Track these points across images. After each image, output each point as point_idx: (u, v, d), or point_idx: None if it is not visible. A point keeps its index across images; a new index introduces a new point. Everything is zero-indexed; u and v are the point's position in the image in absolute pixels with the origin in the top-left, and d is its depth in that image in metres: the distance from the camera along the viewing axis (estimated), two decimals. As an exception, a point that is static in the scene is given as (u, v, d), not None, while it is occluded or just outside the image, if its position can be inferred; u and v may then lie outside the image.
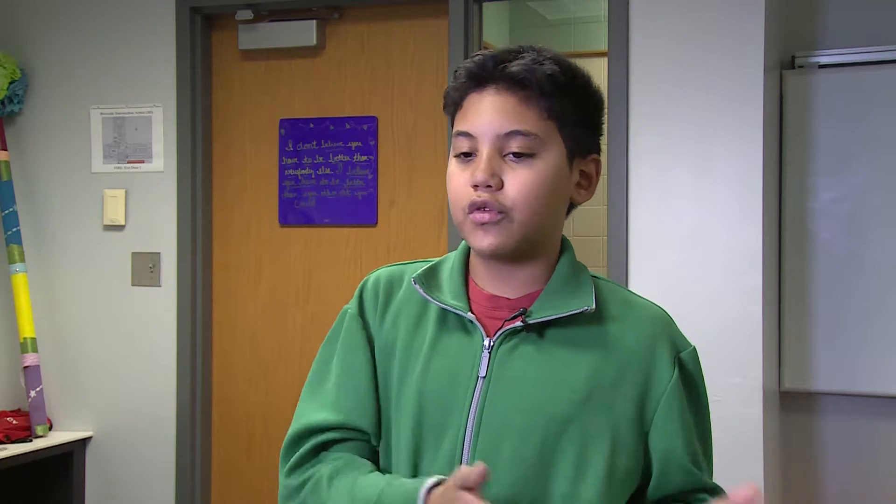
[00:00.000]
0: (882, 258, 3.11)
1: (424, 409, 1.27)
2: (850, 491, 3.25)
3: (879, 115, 3.12)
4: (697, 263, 2.93)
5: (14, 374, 3.58)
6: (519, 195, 1.23)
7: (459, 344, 1.29)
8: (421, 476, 1.24)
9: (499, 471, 1.22)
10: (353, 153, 3.38)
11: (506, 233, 1.24)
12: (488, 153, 1.24)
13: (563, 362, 1.26)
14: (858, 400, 3.22)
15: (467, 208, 1.24)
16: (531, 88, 1.24)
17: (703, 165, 2.92)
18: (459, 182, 1.26)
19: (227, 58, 3.53)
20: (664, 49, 2.96)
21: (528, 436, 1.23)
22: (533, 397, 1.24)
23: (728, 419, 2.86)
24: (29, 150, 3.62)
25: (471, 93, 1.27)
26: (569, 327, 1.27)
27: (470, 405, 1.25)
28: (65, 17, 3.59)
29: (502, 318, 1.28)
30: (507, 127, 1.23)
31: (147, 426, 3.49)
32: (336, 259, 3.40)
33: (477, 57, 1.28)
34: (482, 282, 1.32)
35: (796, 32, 3.28)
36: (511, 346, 1.27)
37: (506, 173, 1.24)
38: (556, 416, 1.23)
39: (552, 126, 1.25)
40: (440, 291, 1.32)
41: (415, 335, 1.32)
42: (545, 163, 1.25)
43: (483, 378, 1.26)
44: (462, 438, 1.25)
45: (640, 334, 1.29)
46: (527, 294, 1.30)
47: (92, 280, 3.55)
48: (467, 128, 1.26)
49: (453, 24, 3.19)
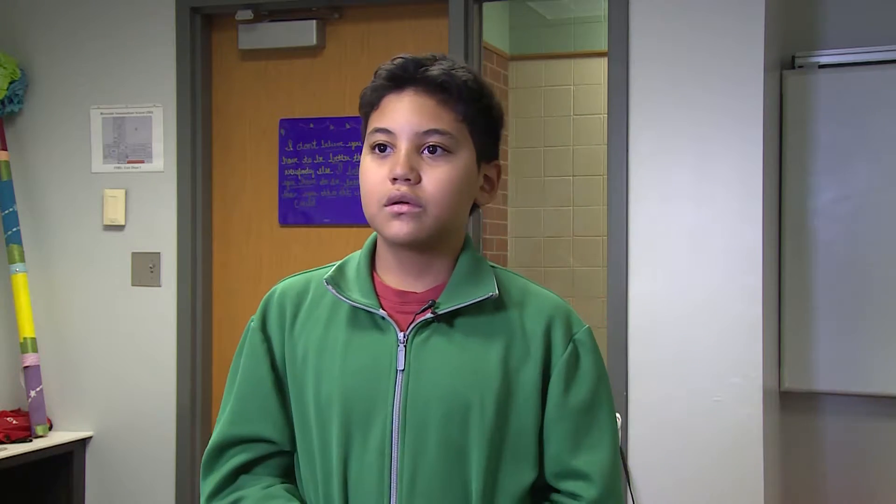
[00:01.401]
0: (882, 258, 3.12)
1: (349, 406, 1.32)
2: (850, 491, 3.25)
3: (879, 115, 3.12)
4: (697, 263, 2.93)
5: (14, 374, 3.58)
6: (436, 190, 1.30)
7: (373, 340, 1.34)
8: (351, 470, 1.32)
9: (427, 456, 1.30)
10: (353, 153, 3.38)
11: (421, 224, 1.30)
12: (407, 149, 1.30)
13: (475, 349, 1.33)
14: (858, 400, 3.22)
15: (384, 201, 1.30)
16: (449, 92, 1.31)
17: (703, 165, 2.92)
18: (377, 176, 1.32)
19: (227, 58, 3.53)
20: (664, 49, 2.96)
21: (450, 422, 1.30)
22: (451, 386, 1.31)
23: (728, 419, 2.87)
24: (29, 150, 3.62)
25: (389, 93, 1.33)
26: (475, 316, 1.35)
27: (393, 398, 1.31)
28: (65, 17, 3.59)
29: (412, 312, 1.34)
30: (425, 125, 1.30)
31: (147, 426, 3.49)
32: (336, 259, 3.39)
33: (397, 60, 1.34)
34: (389, 277, 1.38)
35: (796, 32, 3.28)
36: (424, 337, 1.33)
37: (423, 169, 1.30)
38: (474, 402, 1.31)
39: (465, 129, 1.33)
40: (350, 290, 1.37)
41: (326, 337, 1.37)
42: (459, 161, 1.32)
43: (402, 371, 1.32)
44: (390, 430, 1.31)
45: (539, 318, 1.36)
46: (433, 287, 1.36)
47: (92, 280, 3.55)
48: (386, 124, 1.32)
49: (453, 24, 3.20)
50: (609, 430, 1.38)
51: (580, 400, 1.35)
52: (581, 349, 1.37)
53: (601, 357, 1.40)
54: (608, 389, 1.40)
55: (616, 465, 1.38)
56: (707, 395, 2.89)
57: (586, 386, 1.36)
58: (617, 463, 1.38)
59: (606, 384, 1.40)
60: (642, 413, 2.95)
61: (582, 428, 1.35)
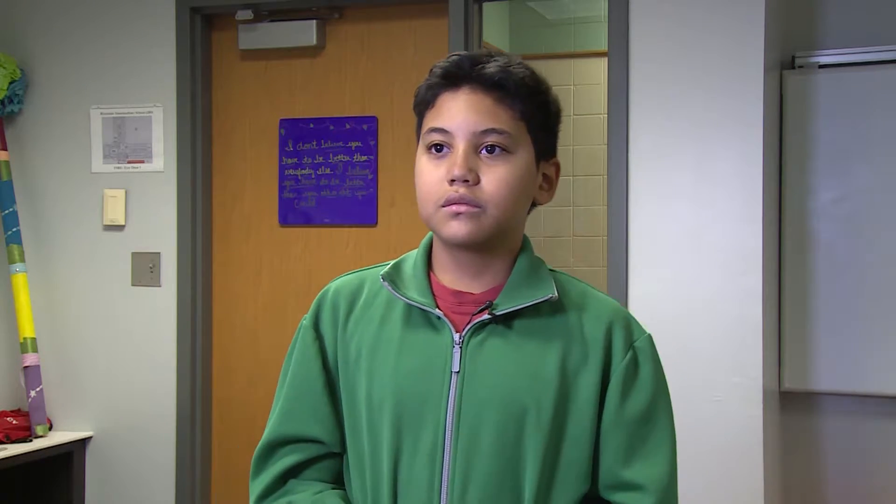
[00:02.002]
0: (882, 258, 3.11)
1: (401, 406, 1.29)
2: (850, 491, 3.25)
3: (879, 115, 3.12)
4: (697, 264, 2.93)
5: (14, 374, 3.58)
6: (495, 191, 1.27)
7: (428, 340, 1.31)
8: (401, 473, 1.29)
9: (480, 462, 1.26)
10: (353, 153, 3.38)
11: (480, 224, 1.27)
12: (465, 149, 1.26)
13: (532, 353, 1.29)
14: (858, 400, 3.22)
15: (442, 202, 1.27)
16: (506, 90, 1.28)
17: (703, 165, 2.92)
18: (434, 177, 1.28)
19: (227, 58, 3.53)
20: (664, 49, 2.96)
21: (506, 427, 1.27)
22: (507, 389, 1.28)
23: (728, 419, 2.87)
24: (29, 150, 3.62)
25: (445, 91, 1.30)
26: (533, 318, 1.31)
27: (447, 400, 1.28)
28: (65, 17, 3.59)
29: (468, 313, 1.31)
30: (483, 125, 1.27)
31: (147, 426, 3.49)
32: (336, 259, 3.40)
33: (453, 57, 1.31)
34: (446, 277, 1.35)
35: (796, 32, 3.28)
36: (480, 339, 1.30)
37: (481, 169, 1.27)
38: (531, 407, 1.27)
39: (523, 127, 1.29)
40: (406, 288, 1.34)
41: (380, 336, 1.34)
42: (518, 160, 1.29)
43: (457, 373, 1.29)
44: (442, 433, 1.28)
45: (599, 323, 1.33)
46: (490, 288, 1.33)
47: (92, 280, 3.55)
48: (442, 124, 1.28)
49: (453, 24, 3.19)
50: (668, 441, 1.33)
51: (638, 409, 1.31)
52: (641, 356, 1.33)
53: (661, 366, 1.36)
54: (668, 400, 1.36)
55: (673, 479, 1.33)
56: (707, 395, 2.89)
57: (645, 395, 1.32)
58: (674, 477, 1.33)
59: (666, 394, 1.35)
60: (642, 413, 2.94)
61: (638, 438, 1.31)
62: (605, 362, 1.31)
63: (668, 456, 1.32)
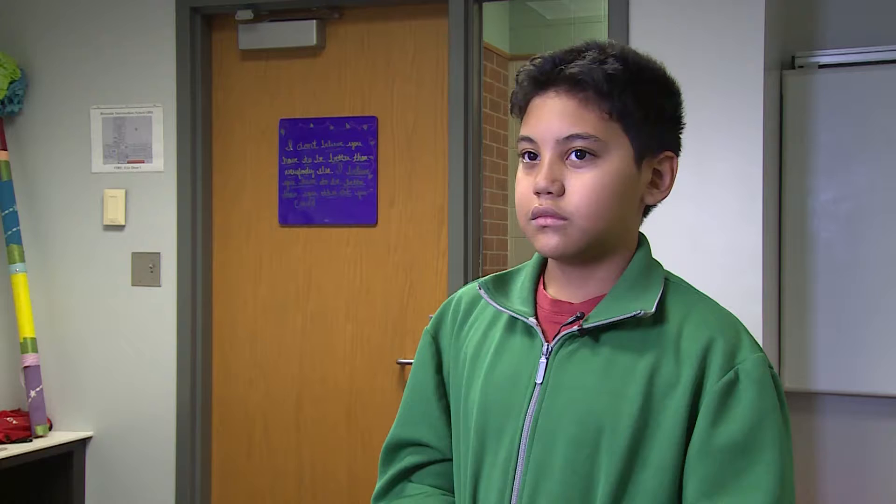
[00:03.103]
0: (882, 258, 3.11)
1: (486, 415, 1.27)
2: (849, 491, 3.25)
3: (879, 115, 3.12)
4: (697, 263, 2.93)
5: (14, 374, 3.58)
6: (581, 201, 1.20)
7: (521, 350, 1.27)
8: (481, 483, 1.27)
9: (550, 478, 1.21)
10: (353, 153, 3.38)
11: (568, 237, 1.21)
12: (549, 159, 1.21)
13: (620, 369, 1.21)
14: (858, 400, 3.22)
15: (530, 214, 1.23)
16: (590, 89, 1.20)
17: (703, 165, 2.92)
18: (524, 188, 1.24)
19: (227, 58, 3.53)
20: (664, 49, 2.94)
21: (580, 444, 1.20)
22: (587, 406, 1.20)
23: (728, 419, 2.86)
24: (29, 150, 3.62)
25: (533, 96, 1.25)
26: (630, 330, 1.22)
27: (526, 411, 1.24)
28: (65, 17, 3.59)
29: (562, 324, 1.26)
30: (566, 131, 1.20)
31: (147, 426, 3.49)
32: (336, 259, 3.40)
33: (538, 59, 1.25)
34: (552, 287, 1.31)
35: (796, 32, 3.28)
36: (569, 351, 1.24)
37: (567, 178, 1.21)
38: (607, 426, 1.19)
39: (616, 127, 1.21)
40: (507, 297, 1.31)
41: (483, 343, 1.32)
42: (608, 165, 1.21)
43: (540, 384, 1.24)
44: (518, 444, 1.24)
45: (699, 337, 1.21)
46: (591, 298, 1.27)
47: (92, 280, 3.55)
48: (529, 132, 1.24)
49: (453, 24, 3.20)
50: (770, 477, 1.15)
51: (731, 438, 1.16)
52: (744, 379, 1.18)
53: (773, 393, 1.21)
54: (777, 431, 1.19)
55: None
56: (707, 395, 2.89)
57: (742, 422, 1.16)
58: None
59: (775, 424, 1.19)
60: (642, 413, 2.94)
61: (729, 471, 1.15)
62: (697, 383, 1.18)
63: (768, 495, 1.14)
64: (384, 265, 3.33)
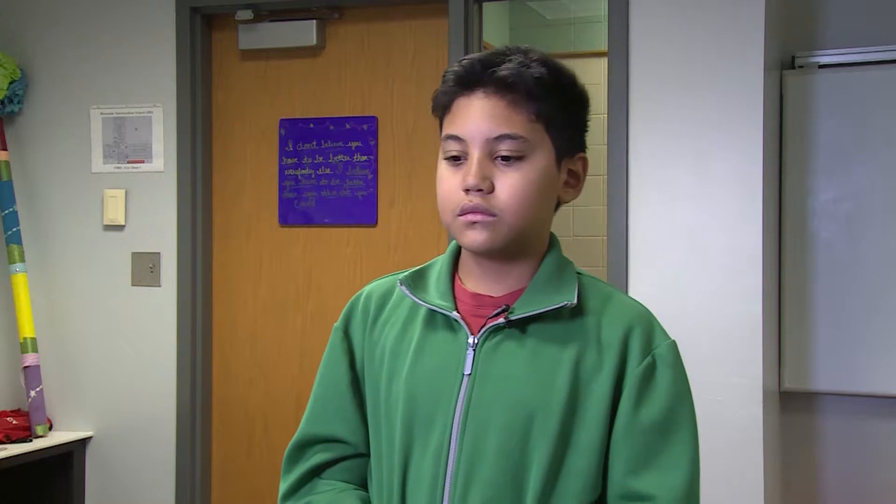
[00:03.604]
0: (882, 258, 3.11)
1: (414, 407, 1.30)
2: (850, 491, 3.25)
3: (879, 115, 3.12)
4: (697, 263, 2.93)
5: (14, 374, 3.58)
6: (510, 199, 1.25)
7: (445, 343, 1.31)
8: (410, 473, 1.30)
9: (484, 464, 1.26)
10: (353, 153, 3.38)
11: (496, 232, 1.26)
12: (479, 157, 1.25)
13: (546, 358, 1.28)
14: (858, 400, 3.22)
15: (458, 211, 1.27)
16: (519, 92, 1.25)
17: (703, 165, 2.92)
18: (451, 185, 1.28)
19: (227, 58, 3.53)
20: (664, 49, 2.96)
21: (512, 431, 1.26)
22: (517, 393, 1.26)
23: (728, 419, 2.86)
24: (29, 150, 3.62)
25: (459, 96, 1.29)
26: (551, 322, 1.29)
27: (456, 402, 1.28)
28: (65, 17, 3.59)
29: (486, 316, 1.30)
30: (496, 131, 1.25)
31: (147, 426, 3.49)
32: (336, 259, 3.40)
33: (465, 61, 1.29)
34: (470, 281, 1.35)
35: (796, 32, 3.28)
36: (495, 343, 1.29)
37: (496, 177, 1.26)
38: (538, 412, 1.25)
39: (540, 128, 1.27)
40: (426, 293, 1.35)
41: (402, 338, 1.35)
42: (534, 165, 1.26)
43: (468, 375, 1.29)
44: (449, 434, 1.28)
45: (617, 327, 1.29)
46: (511, 292, 1.32)
47: (92, 280, 3.55)
48: (457, 131, 1.27)
49: (453, 24, 3.19)
50: (686, 454, 1.29)
51: (652, 419, 1.27)
52: (659, 363, 1.28)
53: (685, 375, 1.32)
54: (690, 411, 1.31)
55: (692, 492, 1.28)
56: (707, 395, 2.89)
57: (661, 403, 1.27)
58: (694, 491, 1.28)
59: (688, 405, 1.31)
60: (642, 413, 2.94)
61: (651, 449, 1.27)
62: (619, 369, 1.27)
63: (685, 468, 1.28)
64: (384, 265, 3.33)
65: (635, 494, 1.26)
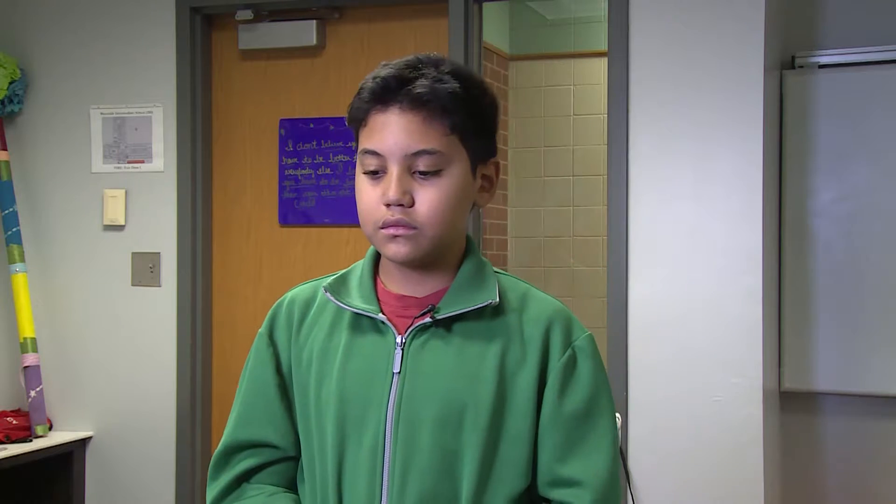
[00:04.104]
0: (882, 258, 3.12)
1: (345, 408, 1.33)
2: (850, 491, 3.25)
3: (879, 115, 3.12)
4: (697, 263, 2.93)
5: (14, 374, 3.58)
6: (429, 212, 1.29)
7: (373, 344, 1.35)
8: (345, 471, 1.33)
9: (419, 457, 1.30)
10: (353, 153, 3.36)
11: (417, 244, 1.30)
12: (398, 174, 1.29)
13: (472, 354, 1.32)
14: (858, 400, 3.22)
15: (380, 223, 1.31)
16: (434, 107, 1.28)
17: (703, 165, 2.92)
18: (371, 198, 1.32)
19: (227, 58, 3.53)
20: (664, 49, 2.96)
21: (445, 424, 1.30)
22: (446, 388, 1.31)
23: (728, 419, 2.87)
24: (29, 150, 3.62)
25: (374, 111, 1.31)
26: (475, 321, 1.34)
27: (388, 400, 1.32)
28: (65, 17, 3.59)
29: (412, 317, 1.35)
30: (413, 147, 1.28)
31: (147, 426, 3.49)
32: (336, 259, 3.40)
33: (378, 78, 1.31)
34: (392, 283, 1.40)
35: (796, 32, 3.28)
36: (422, 341, 1.33)
37: (415, 190, 1.30)
38: (469, 406, 1.30)
39: (455, 140, 1.31)
40: (350, 297, 1.39)
41: (329, 342, 1.38)
42: (451, 177, 1.31)
43: (398, 374, 1.32)
44: (383, 431, 1.31)
45: (538, 323, 1.35)
46: (434, 292, 1.36)
47: (92, 280, 3.55)
48: (375, 146, 1.31)
49: (453, 24, 3.20)
50: (607, 439, 1.34)
51: (575, 407, 1.33)
52: (580, 355, 1.34)
53: (602, 365, 1.38)
54: (609, 399, 1.37)
55: (614, 475, 1.34)
56: (707, 395, 2.89)
57: (582, 393, 1.33)
58: (615, 473, 1.34)
59: (607, 393, 1.37)
60: (642, 413, 2.95)
61: (576, 436, 1.32)
62: (542, 362, 1.33)
63: (607, 453, 1.33)
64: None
65: (563, 480, 1.32)
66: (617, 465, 1.35)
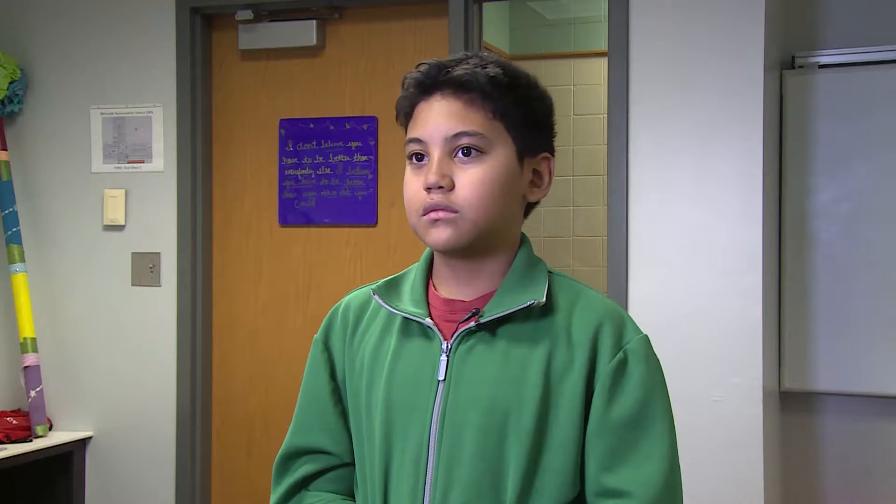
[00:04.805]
0: (882, 258, 3.12)
1: (391, 415, 1.32)
2: (850, 490, 3.25)
3: (879, 115, 3.12)
4: (697, 263, 2.93)
5: (14, 374, 3.58)
6: (470, 194, 1.27)
7: (420, 350, 1.32)
8: (391, 480, 1.31)
9: (462, 467, 1.27)
10: (353, 153, 3.38)
11: (459, 229, 1.27)
12: (438, 156, 1.28)
13: (517, 358, 1.28)
14: (858, 400, 3.22)
15: (421, 210, 1.30)
16: (475, 91, 1.28)
17: (703, 165, 2.92)
18: (414, 186, 1.31)
19: (227, 58, 3.53)
20: (664, 49, 2.96)
21: (488, 432, 1.26)
22: (489, 395, 1.27)
23: (728, 419, 2.87)
24: (29, 150, 3.62)
25: (419, 101, 1.32)
26: (522, 323, 1.30)
27: (433, 407, 1.29)
28: (65, 17, 3.59)
29: (458, 321, 1.32)
30: (454, 129, 1.28)
31: (147, 426, 3.49)
32: (336, 259, 3.40)
33: (422, 66, 1.32)
34: (442, 287, 1.36)
35: (796, 32, 3.28)
36: (468, 347, 1.30)
37: (456, 174, 1.28)
38: (512, 412, 1.26)
39: (499, 126, 1.29)
40: (400, 301, 1.36)
41: (380, 347, 1.36)
42: (494, 161, 1.28)
43: (443, 381, 1.30)
44: (427, 440, 1.29)
45: (587, 324, 1.29)
46: (482, 295, 1.33)
47: (92, 280, 3.55)
48: (418, 134, 1.31)
49: (453, 24, 3.20)
50: (662, 447, 1.26)
51: (623, 413, 1.26)
52: (631, 358, 1.28)
53: (659, 368, 1.31)
54: (664, 404, 1.29)
55: (671, 486, 1.26)
56: (707, 395, 2.89)
57: (632, 398, 1.26)
58: (673, 484, 1.26)
59: (662, 398, 1.29)
60: (642, 413, 2.94)
61: (625, 444, 1.26)
62: (590, 365, 1.27)
63: (661, 462, 1.26)
64: (384, 265, 3.33)
65: (610, 491, 1.26)
66: (675, 475, 1.28)
